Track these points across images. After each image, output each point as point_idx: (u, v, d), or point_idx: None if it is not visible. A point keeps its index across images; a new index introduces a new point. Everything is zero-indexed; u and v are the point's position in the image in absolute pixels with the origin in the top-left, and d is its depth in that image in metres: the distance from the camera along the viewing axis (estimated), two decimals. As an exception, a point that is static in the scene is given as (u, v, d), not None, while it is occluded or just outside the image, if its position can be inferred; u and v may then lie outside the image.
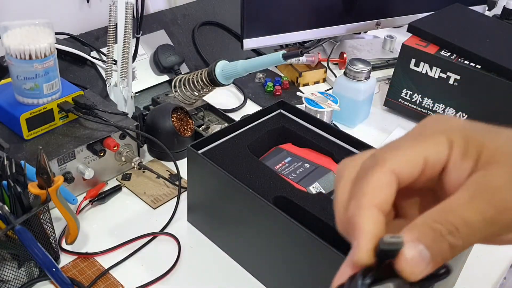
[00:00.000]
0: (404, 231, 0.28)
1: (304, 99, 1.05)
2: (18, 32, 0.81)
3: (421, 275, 0.27)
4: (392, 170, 0.30)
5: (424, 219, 0.28)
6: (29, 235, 0.68)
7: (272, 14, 1.18)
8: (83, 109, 0.88)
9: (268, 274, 0.76)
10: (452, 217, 0.27)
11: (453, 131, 0.30)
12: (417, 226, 0.28)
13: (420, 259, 0.27)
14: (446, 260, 0.28)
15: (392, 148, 0.31)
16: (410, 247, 0.27)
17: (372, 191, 0.30)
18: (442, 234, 0.27)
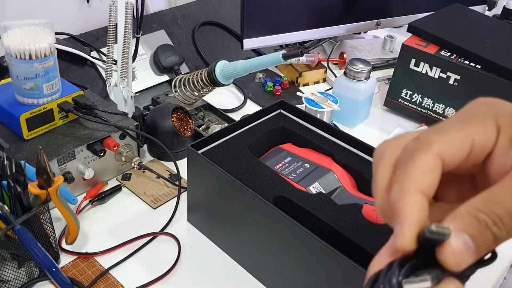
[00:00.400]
0: (448, 220, 0.27)
1: (304, 99, 1.05)
2: (18, 32, 0.81)
3: (464, 265, 0.27)
4: (438, 154, 0.29)
5: (468, 209, 0.27)
6: (29, 235, 0.68)
7: (272, 14, 1.18)
8: (83, 109, 0.88)
9: (268, 274, 0.76)
10: (498, 208, 0.27)
11: (502, 116, 0.29)
12: (461, 215, 0.27)
13: (465, 250, 0.26)
14: (489, 250, 0.28)
15: (438, 131, 0.30)
16: (456, 237, 0.26)
17: (417, 176, 0.29)
18: (488, 225, 0.27)
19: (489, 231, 0.27)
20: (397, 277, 0.26)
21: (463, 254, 0.26)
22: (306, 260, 0.68)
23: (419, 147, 0.29)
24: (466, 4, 1.31)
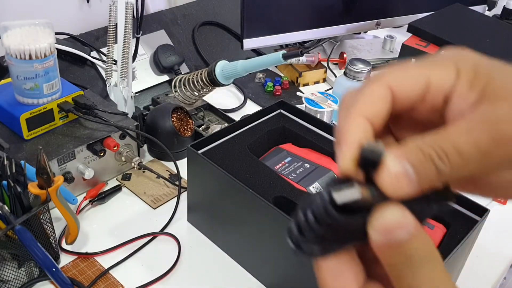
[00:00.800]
0: (392, 148, 0.26)
1: (304, 99, 1.05)
2: (18, 32, 0.81)
3: (401, 192, 0.26)
4: (389, 84, 0.28)
5: (416, 141, 0.26)
6: (29, 235, 0.68)
7: (272, 14, 1.18)
8: (83, 109, 0.88)
9: (268, 274, 0.76)
10: (444, 143, 0.26)
11: (464, 61, 0.29)
12: (407, 145, 0.26)
13: (403, 175, 0.25)
14: (431, 185, 0.26)
15: (395, 66, 0.29)
16: (395, 161, 0.26)
17: (363, 102, 0.28)
18: (432, 157, 0.26)
19: (432, 164, 0.26)
20: (328, 186, 0.26)
21: (400, 179, 0.26)
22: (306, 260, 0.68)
23: (372, 79, 0.29)
24: (466, 4, 1.31)
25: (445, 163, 0.26)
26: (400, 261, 0.26)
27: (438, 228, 0.70)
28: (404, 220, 0.26)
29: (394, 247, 0.26)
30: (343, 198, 0.25)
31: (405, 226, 0.26)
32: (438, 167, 0.26)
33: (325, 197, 0.25)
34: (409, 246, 0.26)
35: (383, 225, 0.26)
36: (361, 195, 0.25)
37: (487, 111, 0.27)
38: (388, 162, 0.26)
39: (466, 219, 0.72)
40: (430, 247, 0.26)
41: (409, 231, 0.26)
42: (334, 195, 0.25)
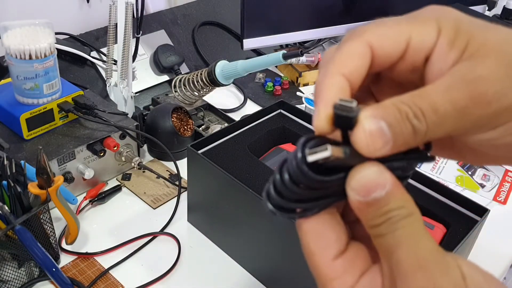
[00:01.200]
0: (369, 107, 0.26)
1: (304, 99, 1.05)
2: (18, 32, 0.81)
3: (376, 151, 0.25)
4: (368, 41, 0.28)
5: (393, 100, 0.26)
6: (29, 235, 0.68)
7: (272, 14, 1.18)
8: (83, 109, 0.88)
9: (268, 274, 0.76)
10: (421, 102, 0.26)
11: (445, 19, 0.28)
12: (384, 104, 0.26)
13: (379, 135, 0.25)
14: (407, 144, 0.26)
15: (376, 23, 0.29)
16: (370, 120, 0.25)
17: (341, 59, 0.27)
18: (408, 116, 0.25)
19: (408, 122, 0.25)
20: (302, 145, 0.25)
21: (375, 138, 0.25)
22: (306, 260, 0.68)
23: (351, 35, 0.28)
24: (466, 4, 1.31)
25: (421, 121, 0.25)
26: (379, 220, 0.26)
27: (438, 228, 0.70)
28: (381, 178, 0.26)
29: (371, 205, 0.26)
30: (314, 157, 0.24)
31: (381, 184, 0.25)
32: (414, 125, 0.25)
33: (298, 156, 0.25)
34: (387, 204, 0.26)
35: (360, 183, 0.26)
36: (331, 153, 0.24)
37: (466, 69, 0.26)
38: (363, 120, 0.25)
39: (466, 219, 0.72)
40: (408, 204, 0.26)
41: (386, 189, 0.25)
42: (306, 154, 0.24)
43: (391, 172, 0.26)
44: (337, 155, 0.25)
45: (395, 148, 0.25)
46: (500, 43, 0.27)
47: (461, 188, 0.99)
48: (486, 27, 0.28)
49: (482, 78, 0.26)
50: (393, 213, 0.26)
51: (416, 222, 0.26)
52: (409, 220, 0.26)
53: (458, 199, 0.73)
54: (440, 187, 0.75)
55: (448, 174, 1.02)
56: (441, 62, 0.27)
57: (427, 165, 1.02)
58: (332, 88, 0.27)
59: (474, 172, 1.03)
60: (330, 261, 0.28)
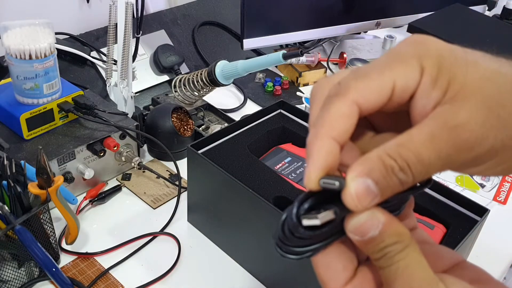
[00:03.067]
0: (355, 164, 0.28)
1: (304, 99, 1.05)
2: (18, 32, 0.81)
3: (365, 207, 0.28)
4: (355, 101, 0.29)
5: (379, 153, 0.28)
6: (29, 235, 0.68)
7: (272, 14, 1.18)
8: (83, 109, 0.88)
9: (268, 274, 0.76)
10: (407, 153, 0.27)
11: (428, 56, 0.29)
12: (370, 159, 0.28)
13: (366, 193, 0.27)
14: (394, 193, 0.28)
15: (358, 76, 0.30)
16: (356, 182, 0.27)
17: (330, 122, 0.29)
18: (394, 170, 0.27)
19: (394, 176, 0.27)
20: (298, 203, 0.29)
21: (364, 197, 0.27)
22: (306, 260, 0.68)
23: (337, 93, 0.30)
24: (466, 4, 1.31)
25: (407, 173, 0.27)
26: (378, 255, 0.28)
27: (438, 228, 0.70)
28: (373, 220, 0.28)
29: (369, 243, 0.28)
30: (307, 222, 0.28)
31: (375, 225, 0.28)
32: (400, 179, 0.27)
33: (294, 220, 0.28)
34: (382, 241, 0.28)
35: (355, 227, 0.28)
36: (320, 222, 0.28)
37: (448, 114, 0.27)
38: (349, 184, 0.27)
39: (466, 219, 0.72)
40: (402, 238, 0.28)
41: (379, 228, 0.28)
42: (302, 220, 0.28)
43: (383, 210, 0.28)
44: (328, 219, 0.28)
45: (384, 198, 0.28)
46: (479, 83, 0.28)
47: (461, 188, 0.99)
48: (466, 62, 0.29)
49: (463, 125, 0.27)
50: (388, 249, 0.28)
51: (411, 254, 0.28)
52: (403, 253, 0.28)
53: (458, 199, 0.73)
54: (440, 187, 0.75)
55: (448, 174, 1.02)
56: (424, 100, 0.29)
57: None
58: (321, 151, 0.29)
59: (474, 172, 1.02)
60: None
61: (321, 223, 0.28)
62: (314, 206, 0.29)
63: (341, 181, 0.28)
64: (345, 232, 0.29)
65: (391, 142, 0.28)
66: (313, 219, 0.28)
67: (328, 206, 0.29)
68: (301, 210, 0.29)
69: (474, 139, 0.27)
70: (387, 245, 0.28)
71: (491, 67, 0.29)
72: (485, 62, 0.29)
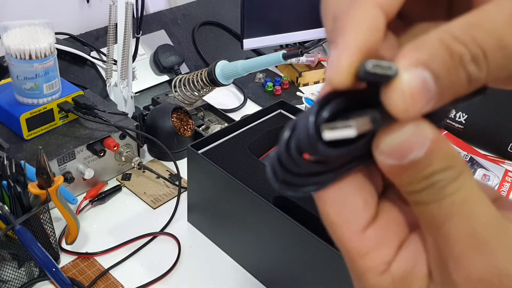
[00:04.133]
0: (407, 49, 0.19)
1: (304, 99, 1.05)
2: (18, 32, 0.81)
3: (415, 114, 0.19)
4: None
5: (441, 34, 0.18)
6: (29, 235, 0.68)
7: (272, 14, 1.18)
8: (83, 109, 0.88)
9: (268, 274, 0.76)
10: (483, 35, 0.18)
11: None
12: (429, 42, 0.18)
13: (420, 91, 0.18)
14: (456, 96, 0.19)
15: None
16: (412, 72, 0.18)
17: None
18: (463, 60, 0.18)
19: (462, 69, 0.18)
20: (316, 109, 0.19)
21: (417, 96, 0.18)
22: (306, 260, 0.68)
23: None
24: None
25: (481, 65, 0.18)
26: (419, 185, 0.20)
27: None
28: (418, 135, 0.19)
29: (408, 169, 0.20)
30: (333, 134, 0.19)
31: (420, 142, 0.19)
32: (470, 73, 0.18)
33: (311, 131, 0.19)
34: (429, 165, 0.20)
35: (391, 146, 0.20)
36: (356, 132, 0.19)
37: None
38: (402, 73, 0.18)
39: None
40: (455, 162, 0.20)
41: (426, 146, 0.19)
42: (324, 132, 0.19)
43: (429, 122, 0.20)
44: (364, 129, 0.19)
45: (439, 104, 0.19)
46: None
47: (461, 188, 0.99)
48: None
49: None
50: (437, 177, 0.20)
51: (468, 183, 0.20)
52: (458, 183, 0.20)
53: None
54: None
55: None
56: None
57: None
58: (362, 24, 0.19)
59: (474, 172, 1.03)
60: (359, 232, 0.22)
61: (358, 134, 0.19)
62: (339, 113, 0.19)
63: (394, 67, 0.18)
64: (370, 155, 0.20)
65: (456, 21, 0.19)
66: (343, 128, 0.19)
67: (361, 112, 0.19)
68: (321, 117, 0.19)
69: None
70: (435, 171, 0.19)
71: None
72: None
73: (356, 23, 0.19)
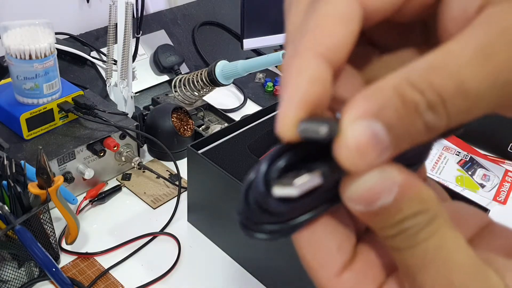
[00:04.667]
0: (356, 99, 0.17)
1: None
2: (18, 32, 0.81)
3: (370, 166, 0.18)
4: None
5: (396, 80, 0.17)
6: (29, 235, 0.68)
7: (272, 14, 1.18)
8: (83, 109, 0.88)
9: (268, 274, 0.76)
10: (440, 80, 0.17)
11: None
12: (379, 91, 0.17)
13: (370, 144, 0.17)
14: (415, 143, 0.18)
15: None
16: (358, 126, 0.17)
17: (317, 30, 0.19)
18: (418, 108, 0.17)
19: (418, 117, 0.17)
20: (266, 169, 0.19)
21: (366, 151, 0.17)
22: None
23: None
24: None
25: (439, 113, 0.17)
26: (391, 231, 0.19)
27: (438, 228, 0.70)
28: (384, 183, 0.18)
29: (379, 215, 0.19)
30: (280, 191, 0.19)
31: (387, 188, 0.18)
32: (427, 122, 0.17)
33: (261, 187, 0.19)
34: (399, 211, 0.19)
35: (357, 193, 0.19)
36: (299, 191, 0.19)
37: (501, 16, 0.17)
38: (346, 128, 0.17)
39: (466, 219, 0.71)
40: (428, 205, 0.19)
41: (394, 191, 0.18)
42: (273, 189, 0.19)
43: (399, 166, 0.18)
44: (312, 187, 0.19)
45: (399, 152, 0.18)
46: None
47: (461, 188, 0.99)
48: None
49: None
50: (408, 223, 0.19)
51: (442, 228, 0.19)
52: (432, 228, 0.18)
53: (458, 199, 0.73)
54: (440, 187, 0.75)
55: (448, 174, 1.02)
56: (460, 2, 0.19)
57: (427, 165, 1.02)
58: (303, 77, 0.19)
59: (474, 172, 1.03)
60: (335, 277, 0.21)
61: (299, 194, 0.19)
62: (293, 165, 0.19)
63: (332, 126, 0.18)
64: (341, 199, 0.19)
65: (414, 64, 0.17)
66: (288, 186, 0.18)
67: (314, 164, 0.19)
68: (273, 171, 0.19)
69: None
70: (406, 217, 0.18)
71: None
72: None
73: (296, 77, 0.19)
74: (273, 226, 0.20)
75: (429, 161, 1.03)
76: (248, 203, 0.20)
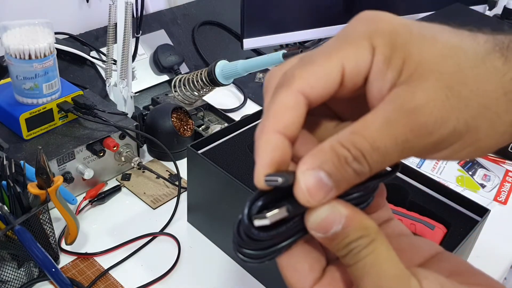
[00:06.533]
0: (307, 156, 0.26)
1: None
2: (18, 32, 0.81)
3: (320, 202, 0.26)
4: (299, 90, 0.27)
5: (332, 143, 0.26)
6: (29, 235, 0.68)
7: (272, 14, 1.18)
8: (83, 109, 0.88)
9: (267, 274, 0.76)
10: (360, 141, 0.25)
11: (379, 34, 0.26)
12: (321, 150, 0.26)
13: (319, 187, 0.25)
14: (351, 185, 0.26)
15: (304, 63, 0.27)
16: (307, 175, 0.25)
17: (274, 115, 0.27)
18: (347, 160, 0.25)
19: (348, 166, 0.25)
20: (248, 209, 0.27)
21: (314, 191, 0.25)
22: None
23: (282, 84, 0.27)
24: (466, 4, 1.30)
25: (363, 163, 0.25)
26: (343, 251, 0.27)
27: (439, 228, 0.70)
28: (335, 214, 0.26)
29: (333, 239, 0.27)
30: (259, 222, 0.27)
31: (337, 220, 0.26)
32: (355, 169, 0.25)
33: (245, 221, 0.27)
34: (346, 236, 0.26)
35: (315, 224, 0.27)
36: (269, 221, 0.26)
37: (405, 96, 0.25)
38: (299, 177, 0.26)
39: (467, 219, 0.71)
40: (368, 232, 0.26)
41: (342, 223, 0.26)
42: (254, 220, 0.27)
43: (345, 203, 0.27)
44: (280, 218, 0.26)
45: (341, 191, 0.26)
46: (437, 60, 0.25)
47: (461, 188, 0.99)
48: (423, 38, 0.26)
49: (421, 107, 0.25)
50: (353, 245, 0.26)
51: (378, 248, 0.26)
52: (370, 248, 0.26)
53: (458, 199, 0.73)
54: (441, 187, 0.74)
55: (449, 174, 1.02)
56: (380, 82, 0.26)
57: (427, 165, 1.02)
58: (267, 146, 0.27)
59: (474, 172, 1.02)
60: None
61: (271, 223, 0.26)
62: (268, 205, 0.27)
63: (286, 177, 0.26)
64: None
65: (345, 130, 0.26)
66: (263, 218, 0.26)
67: (282, 203, 0.27)
68: (253, 209, 0.27)
69: (433, 122, 0.25)
70: (351, 241, 0.26)
71: (451, 42, 0.26)
72: (444, 36, 0.26)
73: (262, 147, 0.27)
74: (259, 252, 0.28)
75: (429, 161, 1.03)
76: (239, 234, 0.28)
